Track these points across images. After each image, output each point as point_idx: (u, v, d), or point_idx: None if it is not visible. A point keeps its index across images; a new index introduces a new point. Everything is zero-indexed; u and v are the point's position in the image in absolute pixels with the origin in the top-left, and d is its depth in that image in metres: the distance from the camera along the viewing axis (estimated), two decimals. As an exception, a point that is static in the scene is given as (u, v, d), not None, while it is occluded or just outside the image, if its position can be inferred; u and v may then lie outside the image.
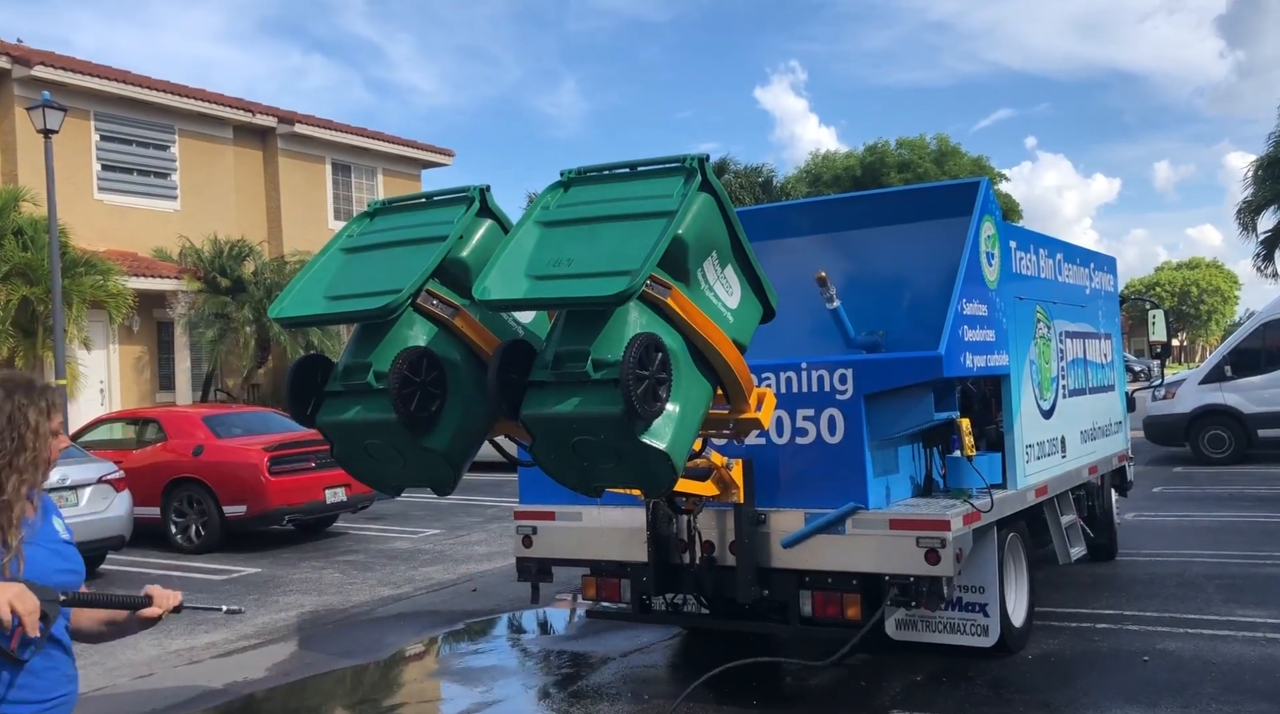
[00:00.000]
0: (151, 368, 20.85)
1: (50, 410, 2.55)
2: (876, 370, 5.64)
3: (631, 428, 3.82)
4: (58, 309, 15.91)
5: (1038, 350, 7.06)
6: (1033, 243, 7.28)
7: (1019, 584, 6.58)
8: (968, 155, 43.16)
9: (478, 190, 4.56)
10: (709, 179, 4.12)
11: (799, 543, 5.58)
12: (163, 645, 7.62)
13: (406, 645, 7.67)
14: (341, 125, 25.13)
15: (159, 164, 21.57)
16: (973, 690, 5.84)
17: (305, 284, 4.43)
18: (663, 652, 7.11)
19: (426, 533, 12.34)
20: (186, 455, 12.10)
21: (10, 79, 18.85)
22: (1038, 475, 6.79)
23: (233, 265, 20.90)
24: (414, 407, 4.08)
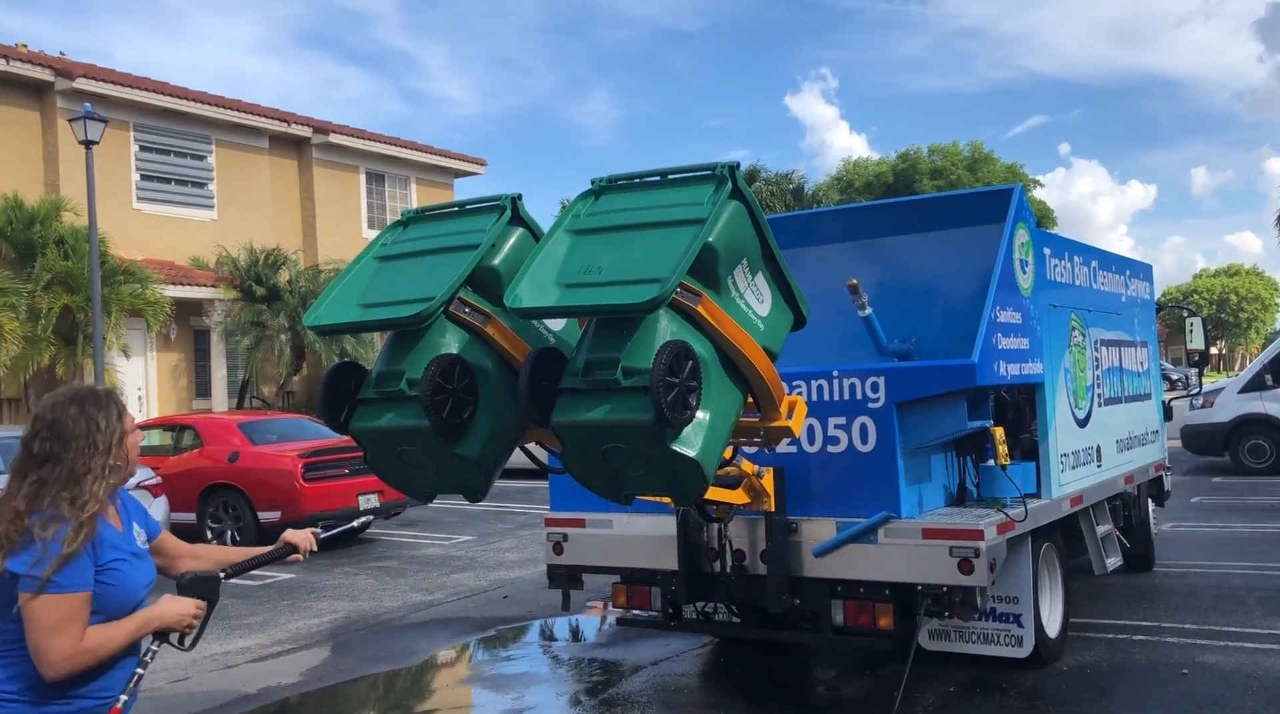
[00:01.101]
0: (188, 375, 21.11)
1: (120, 413, 2.71)
2: (909, 378, 5.61)
3: (662, 435, 3.82)
4: (97, 317, 16.15)
5: (1072, 358, 6.99)
6: (1067, 250, 7.22)
7: (1054, 595, 6.52)
8: (1001, 162, 42.84)
9: (509, 199, 4.59)
10: (739, 186, 4.12)
11: (831, 552, 5.56)
12: (199, 649, 7.68)
13: (438, 651, 7.70)
14: (375, 135, 25.37)
15: (196, 174, 21.86)
16: (1006, 701, 5.78)
17: (340, 292, 4.48)
18: (693, 660, 7.09)
19: (458, 539, 12.39)
20: (222, 461, 12.24)
21: (53, 91, 19.19)
22: (1073, 485, 6.72)
23: (268, 274, 21.13)
24: (446, 413, 4.10)
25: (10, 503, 2.57)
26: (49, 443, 2.61)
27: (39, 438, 2.63)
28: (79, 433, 2.62)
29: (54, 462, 2.60)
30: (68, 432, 2.62)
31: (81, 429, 2.62)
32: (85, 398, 2.69)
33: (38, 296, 17.12)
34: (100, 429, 2.64)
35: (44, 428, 2.64)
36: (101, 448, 2.63)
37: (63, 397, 2.71)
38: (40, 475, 2.59)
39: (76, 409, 2.65)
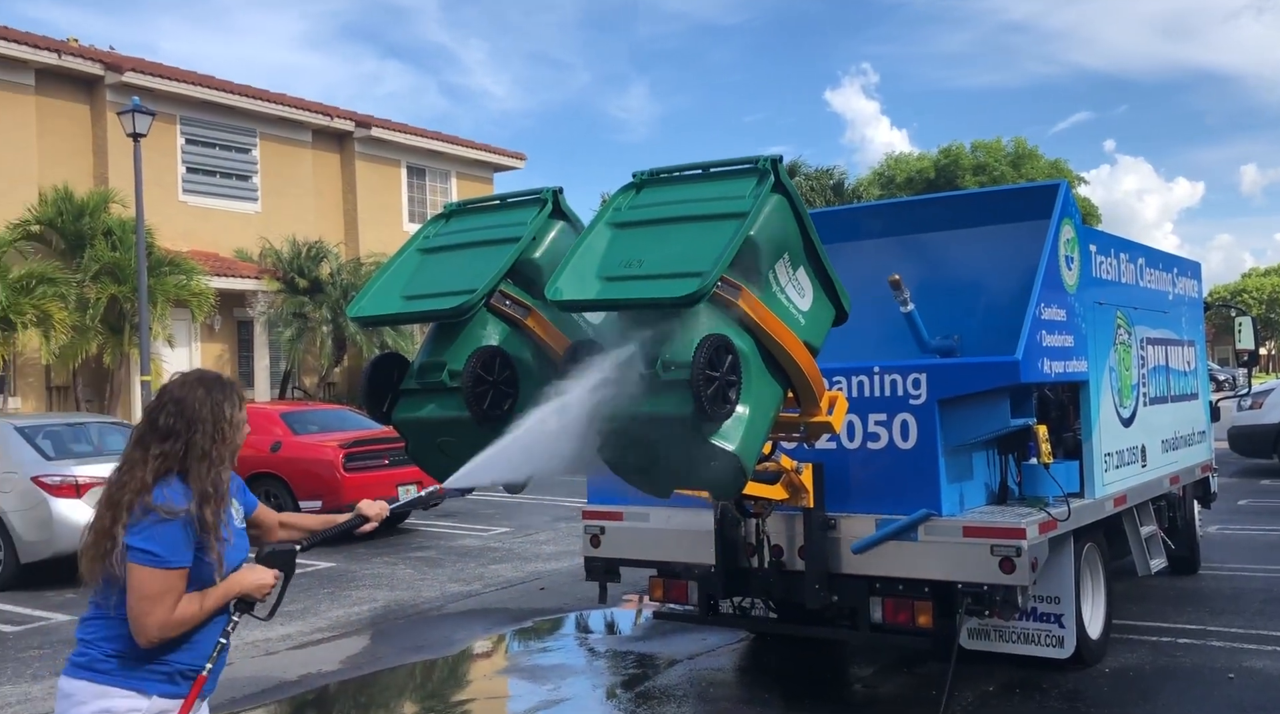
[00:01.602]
0: (232, 365, 21.39)
1: (241, 403, 2.86)
2: (951, 375, 5.56)
3: (700, 429, 3.81)
4: (143, 307, 16.41)
5: (1118, 357, 6.90)
6: (1113, 247, 7.12)
7: (1096, 595, 6.43)
8: (1045, 158, 42.30)
9: (550, 192, 4.60)
10: (782, 180, 4.10)
11: (869, 549, 5.52)
12: (241, 636, 7.80)
13: (475, 642, 7.76)
14: (417, 129, 25.55)
15: (241, 167, 22.13)
16: (1046, 703, 5.72)
17: (383, 284, 4.52)
18: (730, 655, 7.09)
19: (495, 531, 12.47)
20: (265, 451, 12.39)
21: (103, 85, 19.50)
22: (1116, 484, 6.63)
23: (310, 266, 21.35)
24: (487, 405, 4.13)
25: (137, 473, 2.70)
26: (173, 418, 2.73)
27: (164, 412, 2.75)
28: (204, 416, 2.74)
29: (175, 438, 2.72)
30: (192, 412, 2.74)
31: (206, 412, 2.75)
32: (212, 383, 2.82)
33: (86, 287, 17.43)
34: (225, 416, 2.78)
35: (170, 403, 2.76)
36: (223, 435, 2.76)
37: (191, 377, 2.83)
38: (164, 450, 2.71)
39: (203, 392, 2.78)
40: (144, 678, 2.69)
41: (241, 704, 6.27)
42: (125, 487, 2.69)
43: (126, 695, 2.67)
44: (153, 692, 2.70)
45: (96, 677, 2.68)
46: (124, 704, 2.67)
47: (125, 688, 2.67)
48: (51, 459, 10.20)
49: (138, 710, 2.68)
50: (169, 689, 2.72)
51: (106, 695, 2.67)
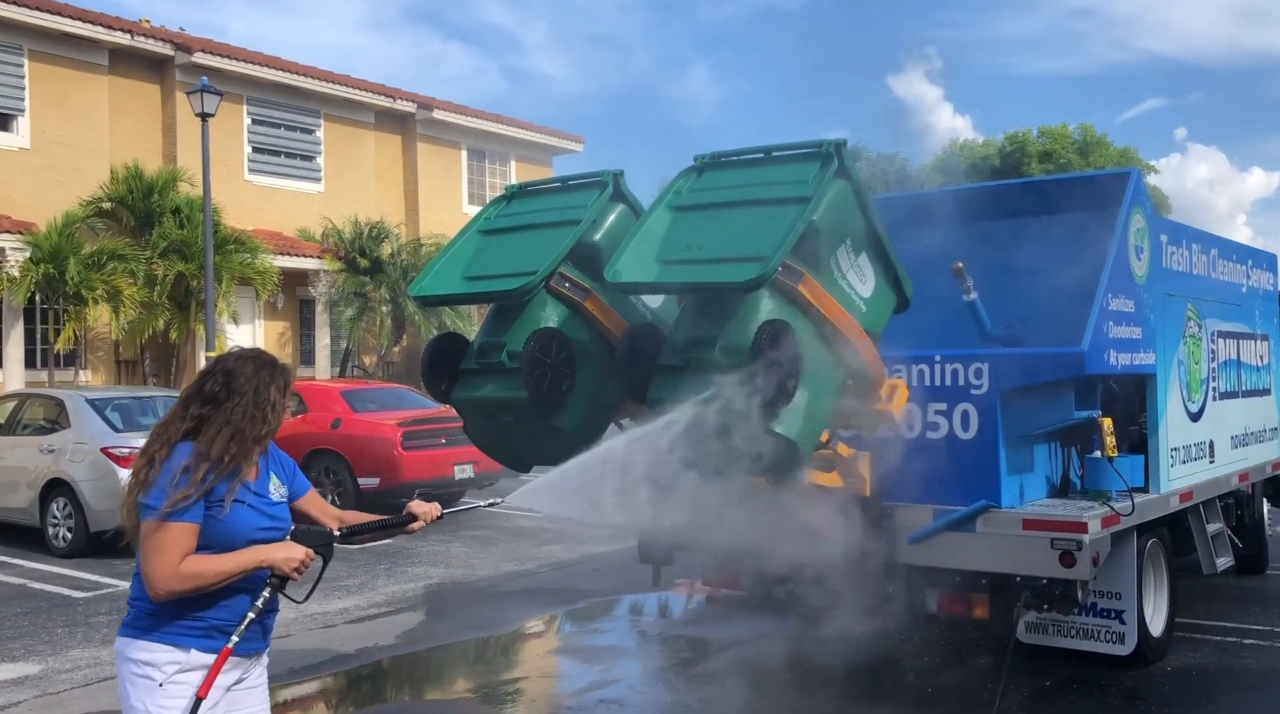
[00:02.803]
0: (293, 343, 21.74)
1: (287, 388, 2.95)
2: (1014, 365, 5.47)
3: (760, 415, 3.79)
4: (209, 284, 16.73)
5: (1187, 350, 6.73)
6: (1185, 237, 6.94)
7: (1159, 593, 6.31)
8: (1113, 146, 41.32)
9: (611, 175, 4.60)
10: (846, 165, 4.06)
11: (926, 539, 5.47)
12: (300, 609, 7.95)
13: (528, 621, 7.83)
14: (477, 111, 25.66)
15: (305, 147, 22.43)
16: (1105, 700, 5.62)
17: (444, 264, 4.56)
18: (781, 641, 7.06)
19: (549, 511, 12.54)
20: (325, 428, 12.59)
21: (173, 65, 19.87)
22: (1183, 480, 6.48)
23: (371, 246, 21.59)
24: (545, 386, 4.15)
25: (171, 428, 2.83)
26: (219, 387, 2.84)
27: (213, 379, 2.86)
28: (247, 390, 2.83)
29: (215, 405, 2.82)
30: (237, 384, 2.84)
31: (250, 388, 2.84)
32: (264, 363, 2.92)
33: (154, 263, 17.80)
34: (268, 398, 2.86)
35: (220, 372, 2.87)
36: (262, 414, 2.84)
37: (248, 353, 2.95)
38: (202, 412, 2.82)
39: (253, 369, 2.88)
40: (180, 633, 2.77)
41: (300, 675, 6.40)
42: (155, 439, 2.83)
43: (166, 650, 2.76)
44: (190, 645, 2.77)
45: (138, 633, 2.79)
46: (164, 658, 2.76)
47: (163, 643, 2.76)
48: (120, 431, 10.46)
49: (177, 663, 2.76)
50: (206, 644, 2.78)
51: (148, 650, 2.77)
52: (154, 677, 2.75)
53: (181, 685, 2.76)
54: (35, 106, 18.05)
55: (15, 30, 17.67)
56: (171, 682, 2.75)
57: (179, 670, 2.76)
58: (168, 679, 2.75)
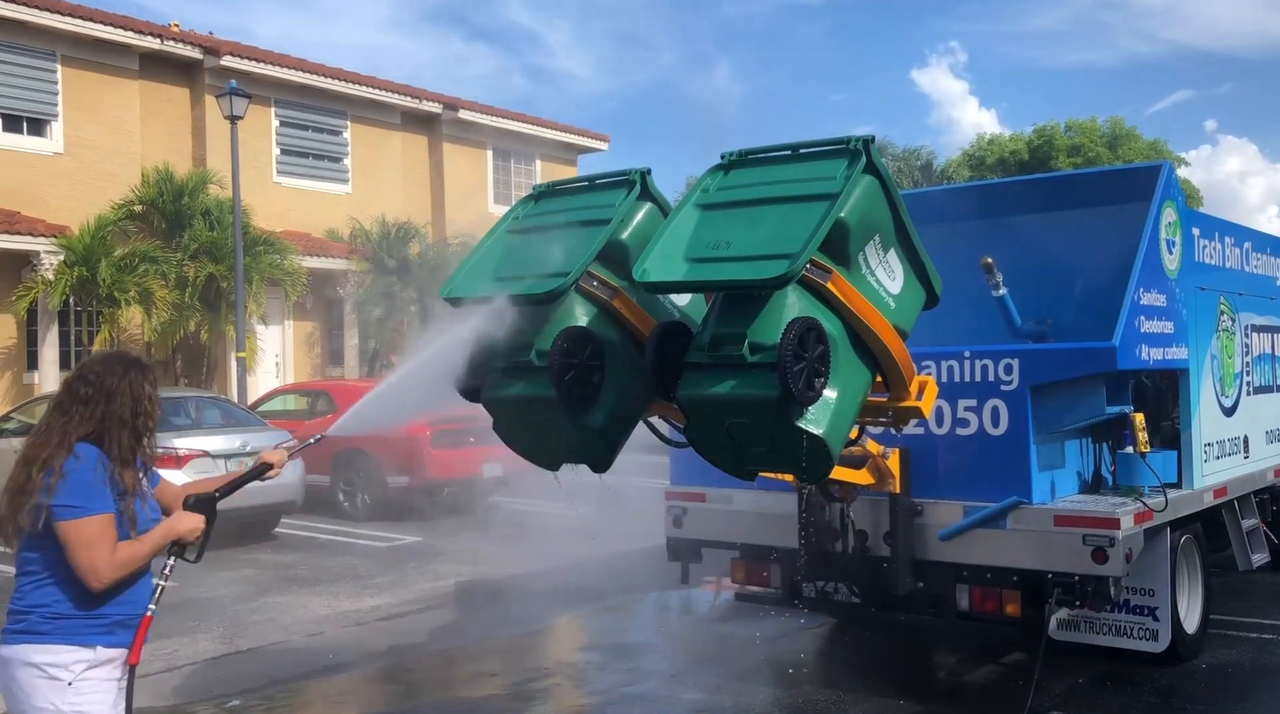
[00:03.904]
0: (322, 343, 21.90)
1: (155, 383, 3.13)
2: (1044, 361, 5.44)
3: (787, 412, 3.79)
4: (240, 286, 16.88)
5: (1220, 344, 6.67)
6: (1218, 230, 6.87)
7: (1193, 589, 6.25)
8: (1143, 139, 40.87)
9: (639, 174, 4.59)
10: (874, 161, 4.03)
11: (957, 536, 5.45)
12: (332, 607, 8.03)
13: (557, 618, 7.86)
14: (502, 111, 25.73)
15: (332, 149, 22.58)
16: (1139, 697, 5.58)
17: (474, 265, 4.58)
18: (811, 639, 7.07)
19: (578, 511, 12.56)
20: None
21: (202, 69, 20.05)
22: (1216, 476, 6.42)
23: (399, 247, 21.70)
24: (573, 384, 4.16)
25: (54, 436, 2.96)
26: (91, 389, 3.00)
27: (84, 382, 3.03)
28: (122, 389, 3.01)
29: (92, 405, 2.98)
30: (110, 385, 3.01)
31: (125, 386, 3.02)
32: (130, 362, 3.11)
33: (185, 265, 17.97)
34: (144, 392, 3.05)
35: (90, 374, 3.04)
36: (144, 408, 3.03)
37: (111, 355, 3.15)
38: (81, 414, 2.97)
39: (121, 369, 3.06)
40: (85, 633, 2.91)
41: (333, 672, 6.47)
42: (42, 446, 2.94)
43: (71, 650, 2.89)
44: (96, 643, 2.92)
45: (37, 638, 2.89)
46: (70, 658, 2.88)
47: (69, 644, 2.89)
48: (154, 431, 10.56)
49: (85, 661, 2.89)
50: (110, 639, 2.94)
51: (53, 652, 2.88)
52: (62, 677, 2.87)
53: (90, 681, 2.91)
54: (68, 111, 18.27)
55: (48, 37, 17.90)
56: (81, 679, 2.88)
57: (88, 668, 2.90)
58: (77, 678, 2.88)
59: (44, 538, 2.89)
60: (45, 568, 2.92)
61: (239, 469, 3.58)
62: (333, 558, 10.16)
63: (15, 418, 12.47)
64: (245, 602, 8.13)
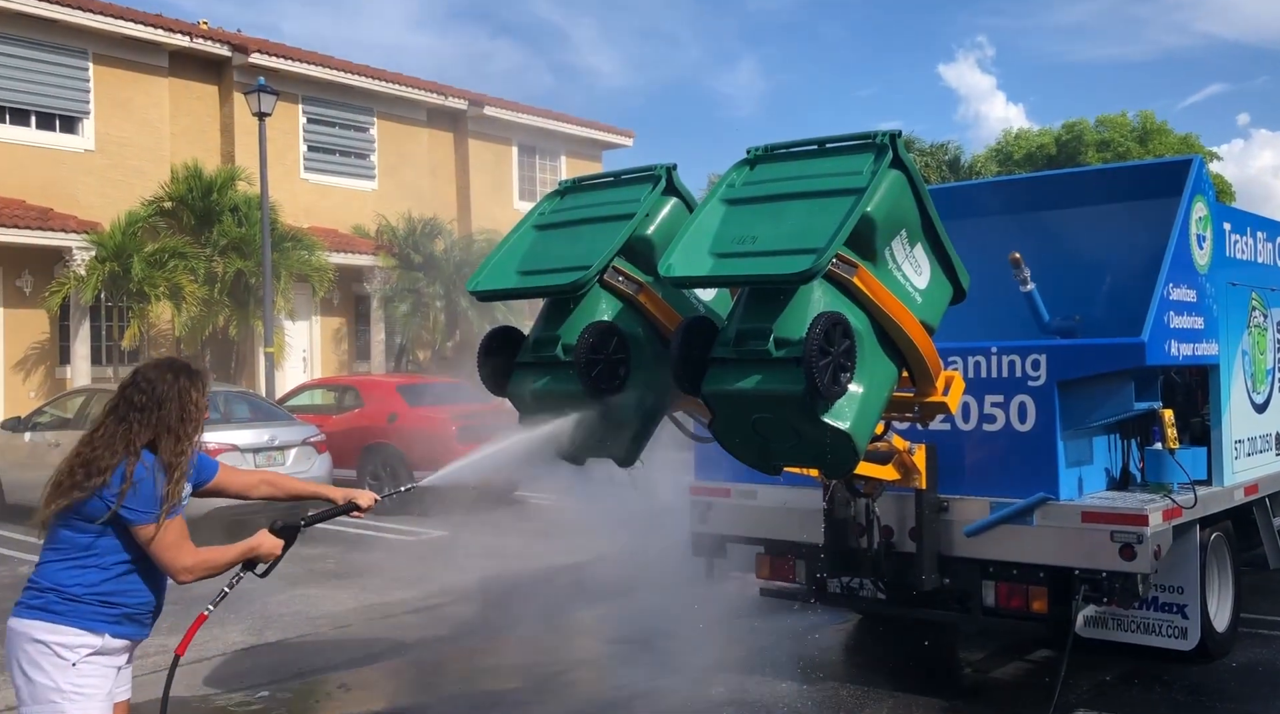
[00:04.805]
0: (349, 339, 22.05)
1: (205, 389, 3.24)
2: (1072, 356, 5.41)
3: (813, 407, 3.79)
4: (268, 282, 17.03)
5: (1252, 340, 6.60)
6: (1250, 225, 6.80)
7: (1223, 587, 6.20)
8: (1174, 133, 40.42)
9: (664, 169, 4.61)
10: (900, 155, 4.03)
11: (983, 532, 5.43)
12: (359, 600, 8.11)
13: (581, 612, 7.88)
14: (527, 107, 25.79)
15: (359, 145, 22.71)
16: (1168, 695, 5.54)
17: (499, 259, 4.60)
18: (836, 635, 7.06)
19: (601, 506, 12.59)
20: (381, 421, 12.77)
21: (230, 66, 20.22)
22: (1247, 473, 6.36)
23: (425, 243, 21.81)
24: (599, 379, 4.18)
25: (117, 443, 3.04)
26: (144, 396, 3.10)
27: (137, 390, 3.12)
28: (171, 396, 3.11)
29: (148, 412, 3.07)
30: (161, 393, 3.10)
31: (174, 394, 3.12)
32: (181, 369, 3.20)
33: (214, 261, 18.15)
34: (191, 400, 3.15)
35: (142, 381, 3.13)
36: (190, 415, 3.13)
37: (163, 362, 3.24)
38: (140, 421, 3.07)
39: (171, 376, 3.15)
40: (95, 619, 3.02)
41: (360, 664, 6.53)
42: (104, 451, 3.03)
43: (78, 634, 3.00)
44: (104, 631, 3.04)
45: (50, 616, 3.00)
46: (76, 640, 3.00)
47: (77, 628, 3.00)
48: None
49: (89, 646, 3.01)
50: (118, 630, 3.07)
51: (59, 632, 2.99)
52: (67, 657, 2.98)
53: (93, 665, 3.02)
54: (100, 109, 18.48)
55: (80, 35, 18.11)
56: (85, 662, 3.00)
57: (92, 653, 3.02)
58: (81, 659, 3.00)
59: (94, 525, 3.01)
60: (77, 553, 3.03)
61: (323, 491, 3.73)
62: (360, 552, 10.24)
63: (49, 412, 12.66)
64: (274, 594, 8.21)
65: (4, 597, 8.56)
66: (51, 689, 2.96)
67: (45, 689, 2.97)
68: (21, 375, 17.40)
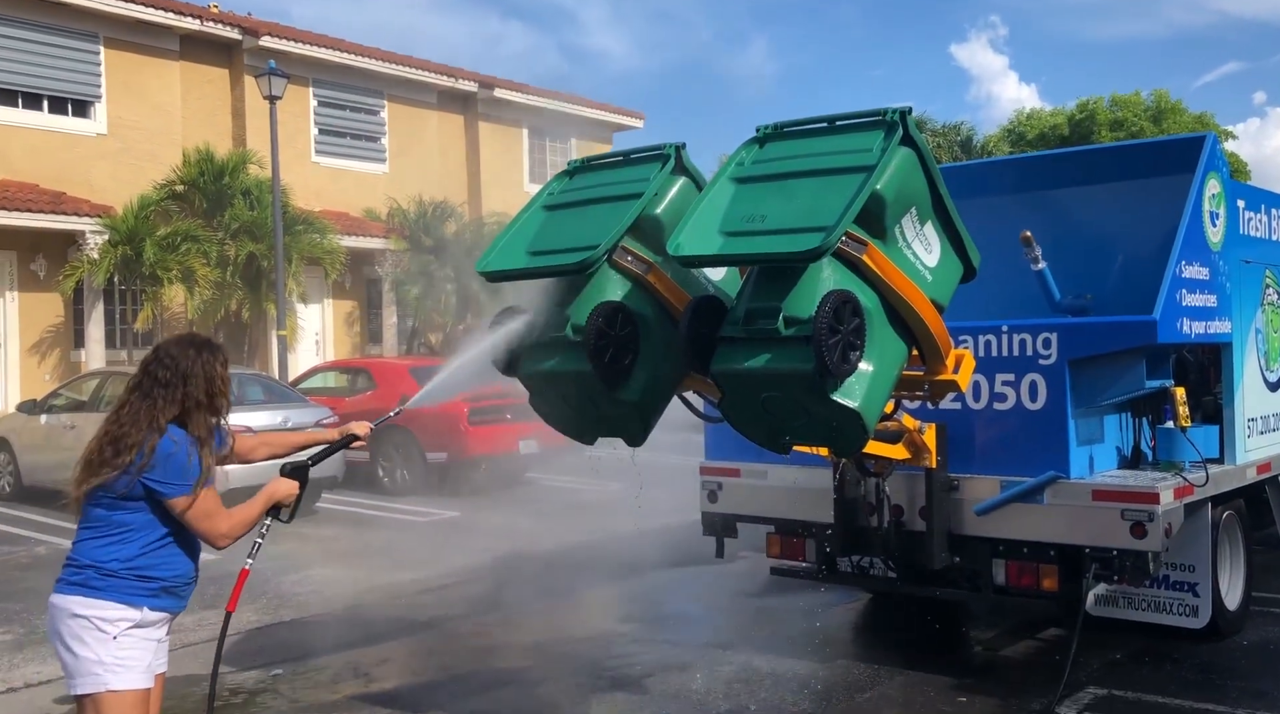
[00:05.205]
0: (361, 322, 22.11)
1: (226, 363, 3.30)
2: (1084, 335, 5.39)
3: (822, 386, 3.79)
4: (280, 265, 17.07)
5: (1265, 318, 6.57)
6: (1264, 202, 6.75)
7: (1234, 566, 6.19)
8: (1189, 112, 40.04)
9: (674, 148, 4.59)
10: (911, 133, 4.00)
11: (993, 511, 5.43)
12: (372, 580, 8.16)
13: (592, 591, 7.92)
14: (537, 89, 25.71)
15: (369, 128, 22.70)
16: (1178, 673, 5.55)
17: (509, 240, 4.60)
18: (846, 614, 7.08)
19: (612, 487, 12.63)
20: (394, 403, 12.76)
21: (240, 49, 20.22)
22: (1260, 451, 6.34)
23: (435, 226, 21.82)
24: (608, 359, 4.19)
25: (142, 418, 3.11)
26: (169, 372, 3.17)
27: (161, 366, 3.19)
28: (196, 372, 3.19)
29: (172, 388, 3.15)
30: (185, 368, 3.18)
31: (198, 369, 3.19)
32: (202, 345, 3.28)
33: (226, 244, 18.20)
34: (217, 373, 3.23)
35: (166, 358, 3.20)
36: (216, 389, 3.22)
37: (184, 338, 3.32)
38: (166, 397, 3.14)
39: (194, 352, 3.22)
40: (133, 594, 3.09)
41: (374, 642, 6.58)
42: (131, 427, 3.09)
43: (119, 608, 3.07)
44: (143, 605, 3.11)
45: (90, 592, 3.07)
46: (116, 614, 3.07)
47: (118, 602, 3.07)
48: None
49: (128, 620, 3.08)
50: (156, 603, 3.14)
51: (100, 607, 3.06)
52: (108, 630, 3.06)
53: (134, 638, 3.10)
54: (111, 93, 18.51)
55: (91, 19, 18.12)
56: (125, 635, 3.08)
57: (132, 626, 3.09)
58: (121, 633, 3.07)
59: (127, 501, 3.09)
60: (116, 529, 3.10)
61: (321, 435, 3.87)
62: (373, 532, 10.30)
63: (64, 394, 12.74)
64: (288, 574, 8.27)
65: (22, 575, 8.68)
66: (94, 662, 3.04)
67: (88, 662, 3.05)
68: (36, 358, 17.51)
